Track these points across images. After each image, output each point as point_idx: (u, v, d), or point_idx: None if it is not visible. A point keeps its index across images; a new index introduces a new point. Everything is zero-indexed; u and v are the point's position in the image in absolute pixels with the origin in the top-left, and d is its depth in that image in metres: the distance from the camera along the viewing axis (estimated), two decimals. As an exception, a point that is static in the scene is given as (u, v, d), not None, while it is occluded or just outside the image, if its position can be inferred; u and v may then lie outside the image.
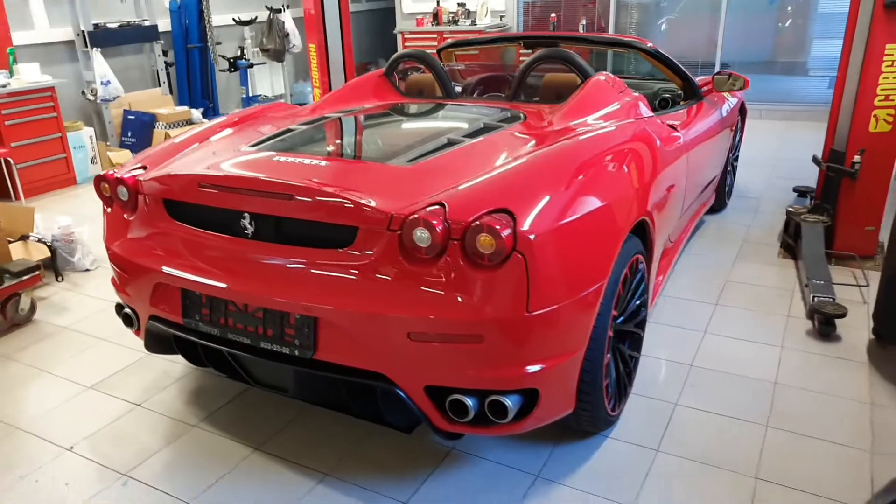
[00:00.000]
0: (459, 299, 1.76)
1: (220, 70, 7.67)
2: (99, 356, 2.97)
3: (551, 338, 1.84)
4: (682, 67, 3.79)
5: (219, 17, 7.85)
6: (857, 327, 2.99)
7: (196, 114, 6.66)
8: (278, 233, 1.99)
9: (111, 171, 2.36)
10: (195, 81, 7.55)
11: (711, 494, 2.05)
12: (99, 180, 2.37)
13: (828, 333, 2.95)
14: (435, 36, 8.54)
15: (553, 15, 8.61)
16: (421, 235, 1.75)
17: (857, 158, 3.56)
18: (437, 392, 1.88)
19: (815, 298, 3.03)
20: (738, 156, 4.79)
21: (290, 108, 3.21)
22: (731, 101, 4.20)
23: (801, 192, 4.70)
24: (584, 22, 8.52)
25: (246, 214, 2.01)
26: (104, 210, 2.44)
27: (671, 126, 3.03)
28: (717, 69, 7.73)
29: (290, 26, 8.24)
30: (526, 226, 1.75)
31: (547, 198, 1.86)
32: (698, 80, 3.92)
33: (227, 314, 2.06)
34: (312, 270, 1.93)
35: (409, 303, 1.79)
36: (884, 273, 2.64)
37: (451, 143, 2.31)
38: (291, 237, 1.97)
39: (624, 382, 2.38)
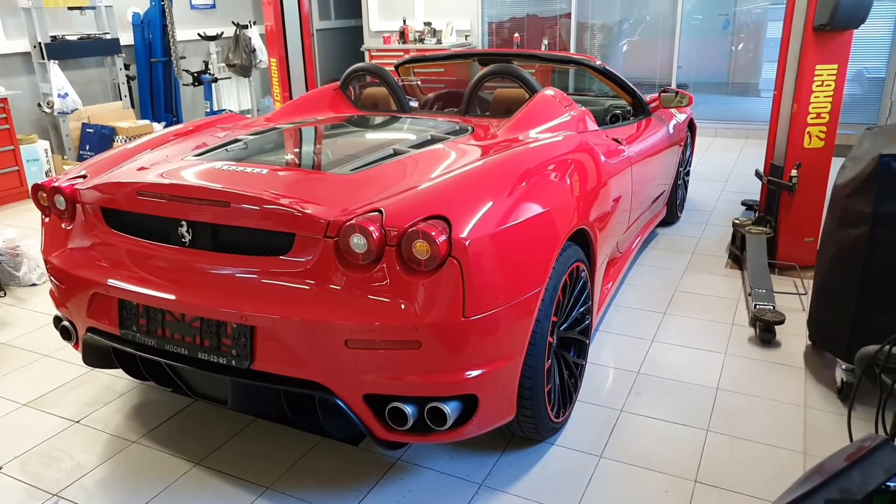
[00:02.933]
0: (396, 305, 1.77)
1: (185, 84, 7.62)
2: (39, 373, 2.90)
3: (489, 343, 1.86)
4: (630, 84, 3.89)
5: (184, 32, 7.81)
6: (796, 334, 3.08)
7: (158, 127, 6.59)
8: (215, 241, 1.98)
9: (48, 180, 2.33)
10: (158, 95, 7.48)
11: (650, 498, 2.08)
12: (36, 189, 2.33)
13: (768, 340, 3.03)
14: (401, 53, 8.60)
15: (516, 35, 8.76)
16: (357, 242, 1.77)
17: (794, 173, 3.68)
18: (376, 400, 1.88)
19: (757, 306, 3.12)
20: (689, 170, 4.91)
21: (243, 119, 3.21)
22: (680, 117, 4.31)
23: (749, 206, 4.83)
24: (546, 42, 8.68)
25: (183, 223, 2.00)
26: (42, 220, 2.40)
27: (615, 140, 3.10)
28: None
29: (256, 42, 8.24)
30: (461, 232, 1.78)
31: (484, 205, 1.89)
32: (647, 97, 4.03)
33: (164, 324, 2.04)
34: (249, 278, 1.92)
35: (346, 310, 1.80)
36: (814, 283, 2.72)
37: (395, 154, 2.34)
38: (228, 245, 1.97)
39: (569, 390, 2.41)
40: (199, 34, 8.03)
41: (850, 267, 2.44)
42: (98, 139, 6.55)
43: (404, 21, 9.01)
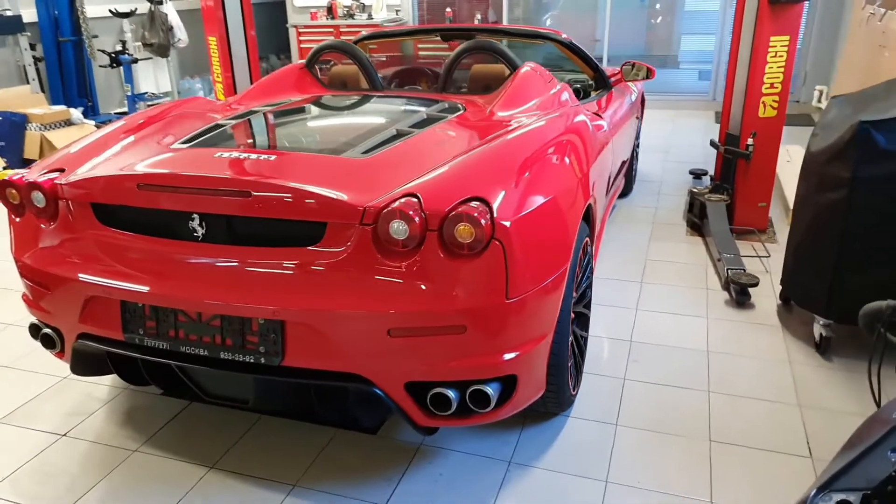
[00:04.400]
0: (440, 291, 1.74)
1: (101, 66, 7.07)
2: (2, 386, 2.65)
3: (528, 323, 1.86)
4: (593, 59, 3.95)
5: (93, 9, 7.22)
6: (766, 295, 3.26)
7: (76, 113, 6.09)
8: (234, 233, 1.86)
9: (19, 175, 2.11)
10: (70, 78, 6.91)
11: (674, 461, 2.16)
12: (4, 186, 2.11)
13: (743, 302, 3.19)
14: (331, 30, 8.34)
15: (448, 10, 8.67)
16: (398, 228, 1.71)
17: (750, 141, 3.87)
18: (417, 387, 1.84)
19: (730, 271, 3.27)
20: (639, 142, 5.07)
21: (210, 104, 3.02)
22: (635, 89, 4.42)
23: (697, 174, 5.05)
24: (478, 16, 8.65)
25: (195, 216, 1.86)
26: (11, 220, 2.18)
27: (596, 114, 3.14)
28: (603, 62, 8.13)
29: (173, 19, 7.74)
30: (501, 213, 1.75)
31: (517, 186, 1.87)
32: (607, 70, 4.10)
33: (177, 325, 1.91)
34: (276, 271, 1.82)
35: (387, 298, 1.74)
36: (790, 245, 2.89)
37: (400, 135, 2.26)
38: (249, 237, 1.85)
39: (578, 362, 2.45)
40: (110, 11, 7.46)
41: (829, 229, 2.60)
42: (8, 127, 5.99)
43: (331, -5, 8.72)
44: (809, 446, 2.21)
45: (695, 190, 4.24)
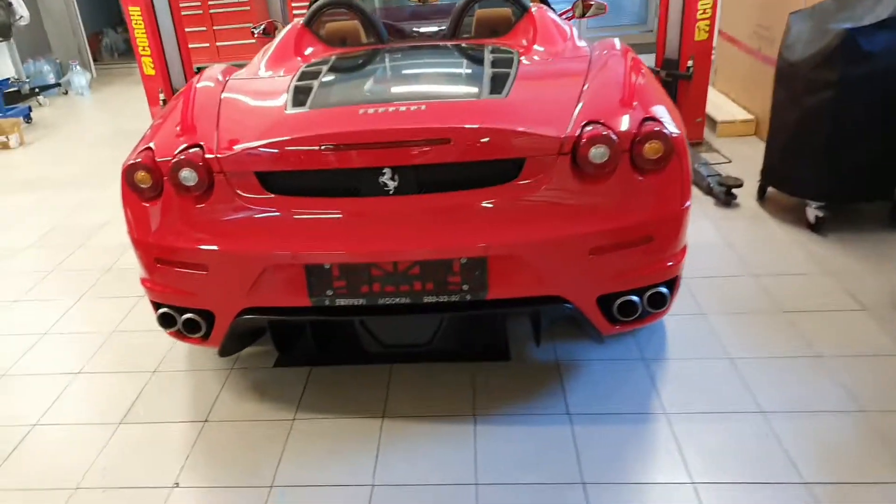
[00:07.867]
0: (635, 205, 1.92)
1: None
2: (87, 393, 2.42)
3: (686, 229, 2.11)
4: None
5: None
6: (740, 193, 3.79)
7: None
8: (428, 182, 1.88)
9: (141, 158, 1.94)
10: None
11: (770, 331, 2.54)
12: (135, 170, 1.92)
13: (730, 202, 3.69)
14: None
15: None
16: (596, 152, 1.85)
17: (690, 63, 4.37)
18: (605, 299, 2.03)
19: (711, 178, 3.76)
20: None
21: (234, 70, 2.80)
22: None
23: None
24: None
25: (386, 170, 1.85)
26: (135, 206, 1.99)
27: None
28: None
29: (12, -6, 6.75)
30: (673, 130, 1.96)
31: (664, 108, 2.07)
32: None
33: (371, 280, 1.91)
34: (476, 211, 1.89)
35: (588, 220, 1.89)
36: (772, 142, 3.40)
37: (500, 76, 2.32)
38: (445, 183, 1.89)
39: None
40: (-66, -20, 6.31)
41: (818, 125, 3.11)
42: None
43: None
44: (861, 301, 2.71)
45: (643, 114, 4.69)
